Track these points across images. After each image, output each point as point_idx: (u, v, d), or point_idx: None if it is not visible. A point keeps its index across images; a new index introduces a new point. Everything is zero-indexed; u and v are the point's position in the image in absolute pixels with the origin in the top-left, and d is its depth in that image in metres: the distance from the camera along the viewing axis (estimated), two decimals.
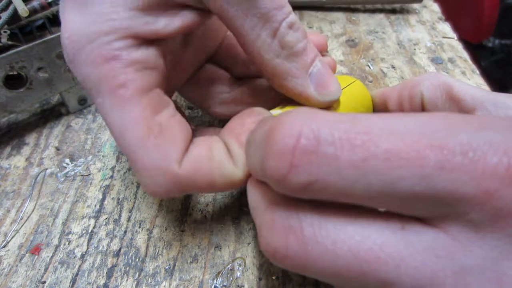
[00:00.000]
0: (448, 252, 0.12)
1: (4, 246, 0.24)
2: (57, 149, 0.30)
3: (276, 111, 0.23)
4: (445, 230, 0.13)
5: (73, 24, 0.18)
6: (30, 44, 0.27)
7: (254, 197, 0.16)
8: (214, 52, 0.27)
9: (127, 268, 0.23)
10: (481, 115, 0.19)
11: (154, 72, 0.19)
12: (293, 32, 0.20)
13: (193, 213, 0.26)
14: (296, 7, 0.46)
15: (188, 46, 0.24)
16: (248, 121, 0.21)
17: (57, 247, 0.24)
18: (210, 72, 0.27)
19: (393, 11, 0.46)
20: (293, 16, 0.20)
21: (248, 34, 0.19)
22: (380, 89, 0.26)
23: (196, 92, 0.27)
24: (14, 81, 0.29)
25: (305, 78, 0.21)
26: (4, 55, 0.27)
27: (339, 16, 0.46)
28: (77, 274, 0.23)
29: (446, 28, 0.43)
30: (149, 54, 0.19)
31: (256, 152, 0.15)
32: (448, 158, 0.12)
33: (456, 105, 0.21)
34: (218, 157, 0.19)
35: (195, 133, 0.22)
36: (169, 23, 0.19)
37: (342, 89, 0.25)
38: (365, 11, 0.47)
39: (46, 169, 0.29)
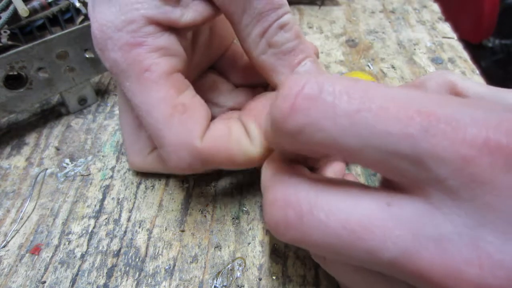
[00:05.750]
0: (430, 220, 0.13)
1: (4, 246, 0.24)
2: (57, 149, 0.30)
3: None
4: (428, 200, 0.14)
5: (102, 15, 0.20)
6: (30, 44, 0.27)
7: (264, 177, 0.18)
8: (217, 59, 0.28)
9: (127, 268, 0.23)
10: (472, 99, 0.20)
11: (175, 57, 0.21)
12: (284, 33, 0.22)
13: (193, 213, 0.26)
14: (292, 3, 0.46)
15: (194, 51, 0.26)
16: (264, 103, 0.23)
17: (57, 247, 0.24)
18: (211, 79, 0.28)
19: (393, 11, 0.46)
20: (288, 18, 0.22)
21: (242, 30, 0.22)
22: None
23: None
24: (14, 81, 0.29)
25: (289, 75, 0.22)
26: (4, 55, 0.27)
27: (339, 16, 0.46)
28: (77, 274, 0.23)
29: (446, 28, 0.43)
30: (171, 41, 0.21)
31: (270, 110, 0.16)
32: (432, 124, 0.13)
33: None
34: (236, 134, 0.21)
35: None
36: (184, 13, 0.21)
37: None
38: (365, 11, 0.47)
39: (46, 169, 0.29)
